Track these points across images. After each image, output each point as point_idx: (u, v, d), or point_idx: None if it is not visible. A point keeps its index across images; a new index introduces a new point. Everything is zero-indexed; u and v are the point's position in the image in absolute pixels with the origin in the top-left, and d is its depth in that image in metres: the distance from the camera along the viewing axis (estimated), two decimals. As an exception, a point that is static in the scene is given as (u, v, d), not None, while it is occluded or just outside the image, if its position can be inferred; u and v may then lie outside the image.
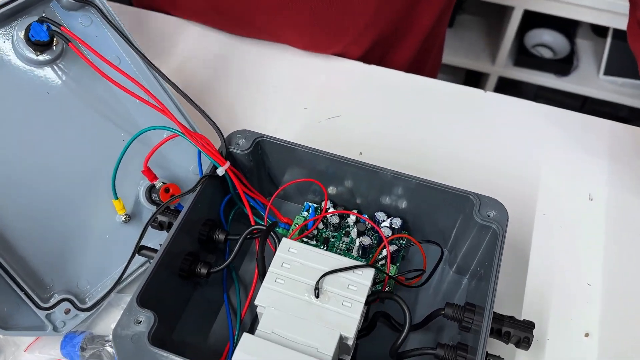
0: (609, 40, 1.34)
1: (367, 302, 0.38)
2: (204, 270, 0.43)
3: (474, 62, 1.40)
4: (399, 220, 0.48)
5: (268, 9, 0.61)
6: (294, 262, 0.39)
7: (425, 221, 0.48)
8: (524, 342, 0.40)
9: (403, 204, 0.48)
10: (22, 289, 0.43)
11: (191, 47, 0.66)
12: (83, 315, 0.45)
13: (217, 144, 0.45)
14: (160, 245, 0.41)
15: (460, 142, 0.59)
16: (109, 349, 0.43)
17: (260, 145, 0.47)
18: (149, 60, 0.47)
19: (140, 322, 0.37)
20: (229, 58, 0.66)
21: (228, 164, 0.44)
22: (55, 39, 0.45)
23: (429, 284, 0.47)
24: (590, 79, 1.36)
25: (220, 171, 0.44)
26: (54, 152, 0.46)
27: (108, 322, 0.46)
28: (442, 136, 0.59)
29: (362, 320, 0.39)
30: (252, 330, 0.42)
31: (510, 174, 0.56)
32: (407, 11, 0.64)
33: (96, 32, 0.47)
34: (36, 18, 0.44)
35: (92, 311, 0.45)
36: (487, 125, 0.60)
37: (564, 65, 1.37)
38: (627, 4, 0.53)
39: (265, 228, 0.43)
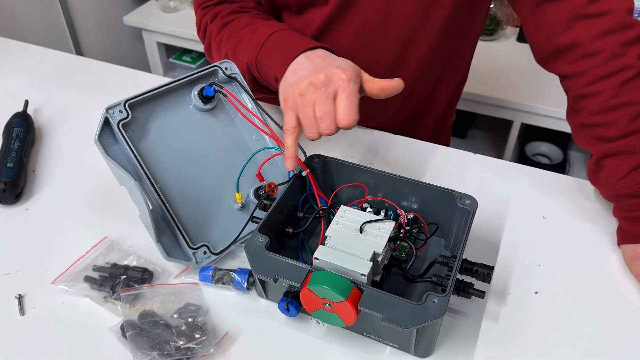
0: (594, 151, 1.64)
1: (390, 240, 0.65)
2: (290, 230, 0.71)
3: (484, 165, 1.72)
4: (412, 215, 0.75)
5: None
6: (348, 217, 0.67)
7: (432, 212, 0.75)
8: (487, 277, 0.65)
9: (415, 206, 0.75)
10: (182, 234, 0.71)
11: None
12: (213, 257, 0.73)
13: (302, 160, 0.75)
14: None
15: (459, 184, 0.87)
16: (230, 274, 0.70)
17: (327, 164, 0.77)
18: (264, 110, 0.78)
19: (260, 241, 0.64)
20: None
21: (308, 170, 0.74)
22: (215, 96, 0.77)
23: (430, 258, 0.73)
24: (582, 182, 1.65)
25: (304, 173, 0.73)
26: (206, 159, 0.77)
27: (228, 263, 0.73)
28: (445, 183, 0.88)
29: (387, 253, 0.65)
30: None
31: (491, 200, 0.83)
32: (428, 98, 0.96)
33: (236, 94, 0.80)
34: (204, 84, 0.77)
35: (219, 255, 0.73)
36: (476, 173, 0.89)
37: (558, 170, 1.66)
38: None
39: (326, 207, 0.71)
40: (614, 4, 0.73)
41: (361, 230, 0.65)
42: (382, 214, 0.76)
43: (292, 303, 0.64)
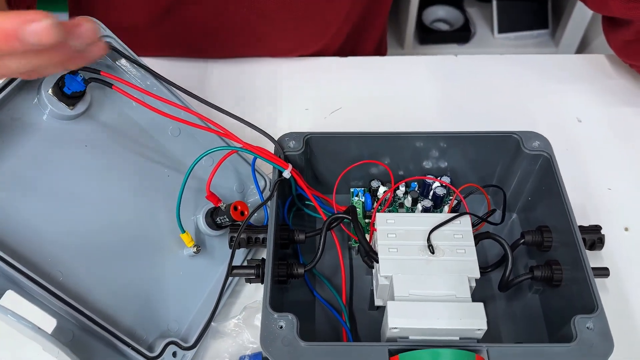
0: (494, 2, 1.48)
1: (473, 244, 0.41)
2: (300, 270, 0.44)
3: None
4: (447, 177, 0.51)
5: (255, 25, 0.63)
6: (397, 231, 0.41)
7: (468, 173, 0.52)
8: (598, 243, 0.45)
9: (443, 164, 0.52)
10: (128, 345, 0.41)
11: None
12: (189, 354, 0.44)
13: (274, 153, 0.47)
14: (263, 258, 0.42)
15: (453, 101, 0.64)
16: (234, 374, 0.43)
17: (308, 144, 0.49)
18: (171, 83, 0.46)
19: (283, 326, 0.37)
20: (208, 83, 0.66)
21: (291, 166, 0.46)
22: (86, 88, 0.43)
23: (485, 227, 0.51)
24: (489, 40, 1.50)
25: (287, 174, 0.45)
26: (111, 199, 0.45)
27: (213, 351, 0.45)
28: (436, 100, 0.64)
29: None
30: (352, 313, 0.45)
31: (506, 115, 0.62)
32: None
33: (118, 71, 0.46)
34: (56, 74, 0.43)
35: (196, 347, 0.44)
36: (470, 82, 0.66)
37: (463, 33, 1.50)
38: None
39: (343, 214, 0.45)
40: None
41: (431, 247, 0.40)
42: (402, 189, 0.52)
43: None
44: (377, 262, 0.40)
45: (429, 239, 0.40)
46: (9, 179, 0.40)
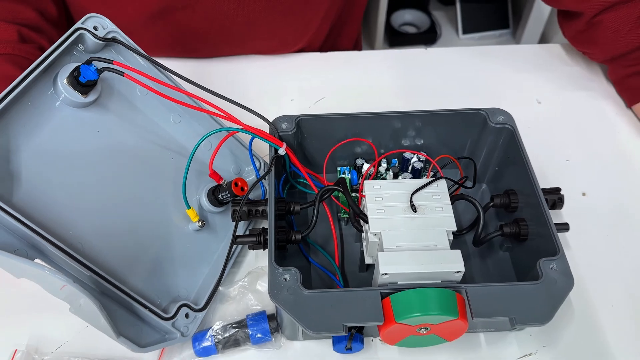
0: (458, 5, 1.56)
1: (450, 204, 0.47)
2: (298, 236, 0.49)
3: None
4: (424, 153, 0.57)
5: (242, 27, 0.68)
6: (383, 195, 0.47)
7: (441, 149, 0.58)
8: (559, 202, 0.52)
9: (420, 141, 0.57)
10: (146, 308, 0.45)
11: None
12: (200, 315, 0.49)
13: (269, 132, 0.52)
14: (263, 227, 0.47)
15: (425, 89, 0.70)
16: (245, 331, 0.47)
17: (299, 125, 0.54)
18: (174, 72, 0.51)
19: (287, 279, 0.42)
20: (200, 80, 0.71)
21: (285, 144, 0.51)
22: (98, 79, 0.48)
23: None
24: (454, 41, 1.58)
25: (282, 151, 0.51)
26: (121, 180, 0.49)
27: (219, 314, 0.50)
28: (409, 88, 0.70)
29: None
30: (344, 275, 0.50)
31: (473, 99, 0.68)
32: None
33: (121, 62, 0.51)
34: (70, 63, 0.47)
35: (206, 309, 0.49)
36: (439, 71, 0.73)
37: (429, 35, 1.58)
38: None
39: (334, 186, 0.50)
40: None
41: (413, 207, 0.46)
42: (384, 165, 0.57)
43: (357, 338, 0.45)
44: (367, 222, 0.46)
45: (411, 200, 0.46)
46: (34, 161, 0.44)
